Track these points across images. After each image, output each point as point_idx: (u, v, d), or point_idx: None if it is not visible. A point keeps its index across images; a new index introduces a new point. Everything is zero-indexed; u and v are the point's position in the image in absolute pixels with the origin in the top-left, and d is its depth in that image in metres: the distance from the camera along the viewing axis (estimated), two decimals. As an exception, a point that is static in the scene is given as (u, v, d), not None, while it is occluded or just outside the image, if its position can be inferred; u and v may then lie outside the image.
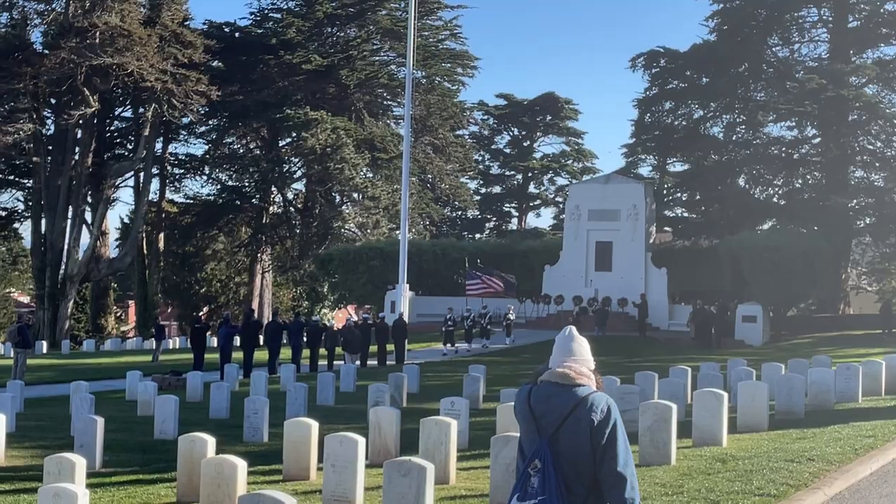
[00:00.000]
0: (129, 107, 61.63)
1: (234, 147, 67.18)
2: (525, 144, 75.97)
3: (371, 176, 61.84)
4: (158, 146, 61.97)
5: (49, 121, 57.37)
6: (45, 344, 47.39)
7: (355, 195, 61.15)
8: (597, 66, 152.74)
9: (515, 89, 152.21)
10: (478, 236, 72.66)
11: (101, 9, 51.96)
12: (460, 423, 12.54)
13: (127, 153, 61.89)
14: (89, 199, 59.20)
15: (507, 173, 76.48)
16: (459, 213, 74.47)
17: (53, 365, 34.21)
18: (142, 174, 60.20)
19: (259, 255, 64.83)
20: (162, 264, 65.43)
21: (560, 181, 74.45)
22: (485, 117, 75.49)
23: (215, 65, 59.06)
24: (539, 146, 76.77)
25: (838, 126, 44.64)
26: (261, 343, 28.65)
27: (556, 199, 74.03)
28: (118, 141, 63.73)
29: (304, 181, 64.93)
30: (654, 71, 49.59)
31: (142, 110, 57.65)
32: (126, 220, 69.71)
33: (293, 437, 11.12)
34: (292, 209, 65.96)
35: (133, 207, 63.62)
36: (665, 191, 51.72)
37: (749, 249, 38.56)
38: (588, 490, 4.32)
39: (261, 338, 28.98)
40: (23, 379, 23.83)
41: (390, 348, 30.30)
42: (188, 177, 67.25)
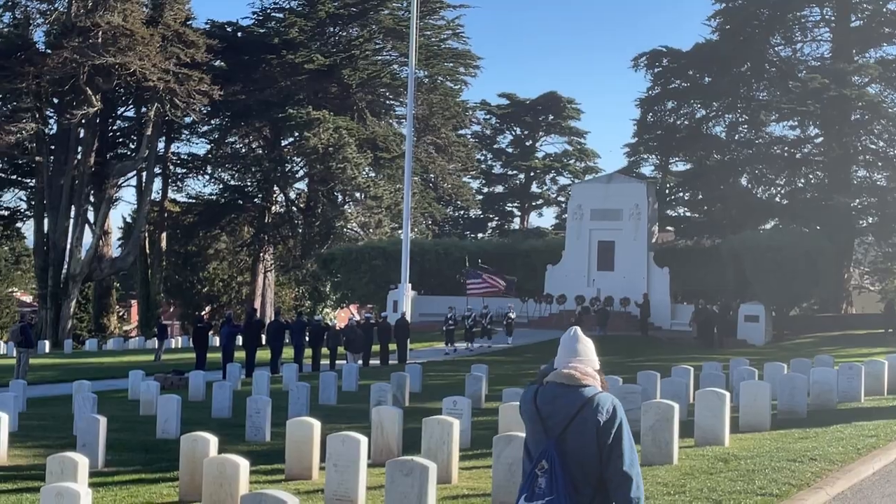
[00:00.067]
0: (132, 106, 61.68)
1: (237, 146, 67.27)
2: (527, 144, 75.88)
3: (373, 175, 61.85)
4: (161, 146, 62.07)
5: (52, 120, 57.50)
6: (47, 343, 47.37)
7: (357, 195, 61.18)
8: (599, 65, 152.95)
9: (518, 89, 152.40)
10: (480, 236, 72.61)
11: (103, 8, 52.06)
12: (463, 423, 12.55)
13: (129, 153, 61.95)
14: (92, 199, 59.21)
15: (510, 173, 76.42)
16: (462, 213, 74.48)
17: (56, 364, 34.20)
18: (144, 174, 60.30)
19: (261, 254, 64.86)
20: (164, 264, 65.45)
21: (562, 181, 74.56)
22: (487, 117, 75.50)
23: (217, 64, 59.17)
24: (541, 146, 76.83)
25: (841, 125, 44.55)
26: (263, 342, 28.64)
27: (558, 199, 74.00)
28: (121, 140, 63.81)
29: (307, 181, 64.96)
30: (656, 70, 49.50)
31: (144, 110, 57.72)
32: (128, 220, 69.72)
33: (295, 436, 11.13)
34: (294, 209, 65.97)
35: (135, 207, 63.64)
36: (667, 190, 51.71)
37: (751, 249, 38.49)
38: (595, 490, 4.35)
39: (263, 337, 28.97)
40: (25, 378, 23.88)
41: (393, 348, 30.33)
42: (190, 176, 67.36)
